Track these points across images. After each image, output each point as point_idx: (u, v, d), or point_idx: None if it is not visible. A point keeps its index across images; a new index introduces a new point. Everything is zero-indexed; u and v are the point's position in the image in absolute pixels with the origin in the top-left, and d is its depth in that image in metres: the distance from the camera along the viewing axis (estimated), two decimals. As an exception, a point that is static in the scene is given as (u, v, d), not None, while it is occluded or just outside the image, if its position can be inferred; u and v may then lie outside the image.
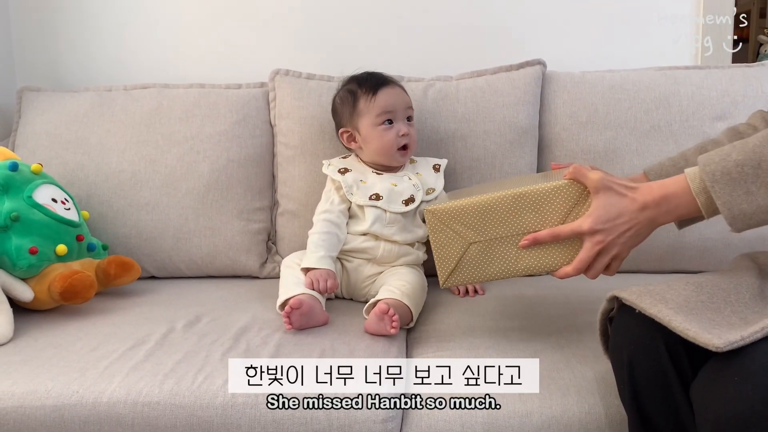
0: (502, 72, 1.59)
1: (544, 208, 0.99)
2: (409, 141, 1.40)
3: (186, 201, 1.55)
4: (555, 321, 1.22)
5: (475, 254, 1.02)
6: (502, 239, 1.01)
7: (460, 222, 1.02)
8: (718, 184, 0.85)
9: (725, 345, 0.75)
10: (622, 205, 0.93)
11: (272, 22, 1.80)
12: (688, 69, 1.60)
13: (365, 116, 1.39)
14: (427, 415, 0.99)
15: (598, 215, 0.93)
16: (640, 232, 0.93)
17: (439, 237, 1.03)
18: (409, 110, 1.42)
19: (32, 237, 1.29)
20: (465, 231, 1.02)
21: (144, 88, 1.67)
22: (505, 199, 0.99)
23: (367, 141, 1.41)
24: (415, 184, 1.41)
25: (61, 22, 1.83)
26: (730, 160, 0.84)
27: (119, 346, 1.12)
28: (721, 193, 0.85)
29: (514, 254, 1.00)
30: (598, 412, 0.96)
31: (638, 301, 0.85)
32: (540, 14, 1.77)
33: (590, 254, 0.95)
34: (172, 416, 0.97)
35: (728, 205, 0.84)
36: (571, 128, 1.55)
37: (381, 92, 1.39)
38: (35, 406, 0.98)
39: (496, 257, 1.01)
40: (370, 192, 1.38)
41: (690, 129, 1.52)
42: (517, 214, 0.99)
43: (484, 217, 1.00)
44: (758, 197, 0.83)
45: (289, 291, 1.24)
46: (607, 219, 0.93)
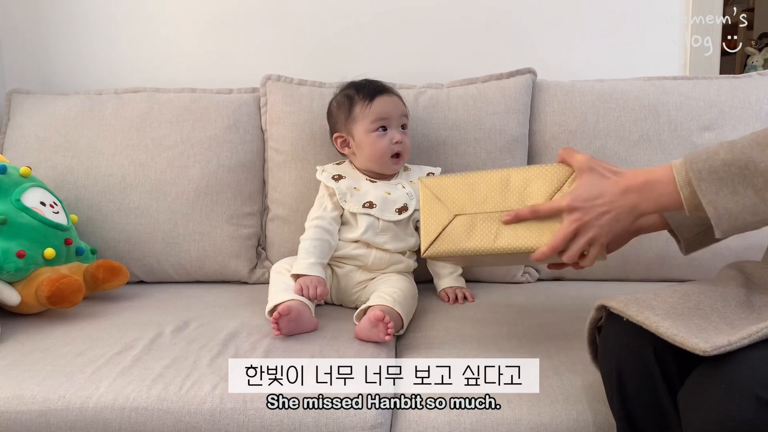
0: (493, 80, 1.60)
1: (530, 188, 1.00)
2: (402, 149, 1.40)
3: (175, 206, 1.55)
4: (544, 329, 1.22)
5: (459, 226, 1.03)
6: (486, 215, 1.02)
7: (448, 194, 1.05)
8: (705, 182, 0.84)
9: (712, 349, 0.75)
10: (604, 186, 0.91)
11: (264, 27, 1.80)
12: (677, 79, 1.62)
13: (360, 122, 1.40)
14: (417, 416, 0.98)
15: (578, 193, 0.93)
16: (620, 217, 0.91)
17: (427, 207, 1.06)
18: (404, 118, 1.43)
19: (20, 240, 1.28)
20: (451, 203, 1.04)
21: (135, 92, 1.66)
22: (493, 177, 1.02)
23: (361, 147, 1.41)
24: (409, 193, 1.41)
25: (51, 25, 1.82)
26: (718, 159, 0.83)
27: (107, 351, 1.11)
28: (707, 191, 0.83)
29: (494, 230, 1.01)
30: (586, 419, 0.96)
31: (625, 309, 0.86)
32: (531, 24, 1.79)
33: (567, 231, 0.93)
34: (160, 422, 0.97)
35: (714, 203, 0.83)
36: (560, 137, 1.56)
37: (377, 99, 1.40)
38: (21, 410, 0.97)
39: (478, 231, 1.02)
40: (364, 200, 1.38)
41: (678, 139, 1.53)
42: (504, 192, 1.01)
43: (472, 192, 1.03)
44: (744, 197, 0.82)
45: (278, 297, 1.23)
46: (587, 198, 0.91)
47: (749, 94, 1.57)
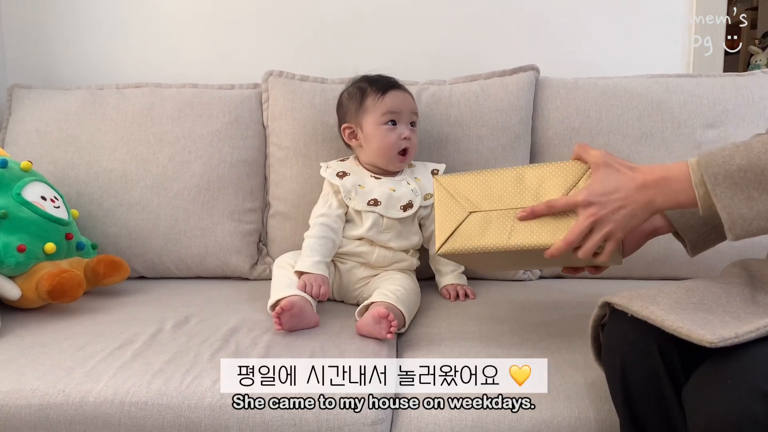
0: (496, 77, 1.60)
1: (545, 185, 0.99)
2: (409, 145, 1.40)
3: (177, 201, 1.54)
4: (545, 326, 1.22)
5: (474, 223, 1.03)
6: (501, 212, 1.01)
7: (463, 192, 1.04)
8: (720, 187, 0.83)
9: (719, 340, 0.75)
10: (620, 181, 0.91)
11: (266, 23, 1.80)
12: (680, 77, 1.61)
13: (371, 114, 1.39)
14: (417, 416, 0.98)
15: (594, 188, 0.92)
16: (635, 212, 0.90)
17: (442, 205, 1.06)
18: (414, 116, 1.43)
19: (20, 235, 1.28)
20: (466, 201, 1.04)
21: (136, 88, 1.66)
22: (507, 174, 1.02)
23: (369, 139, 1.40)
24: (414, 189, 1.40)
25: (53, 19, 1.82)
26: (733, 164, 0.83)
27: (107, 346, 1.11)
28: (721, 196, 0.83)
29: (509, 227, 1.00)
30: (588, 417, 0.96)
31: (629, 304, 0.85)
32: (534, 20, 1.78)
33: (582, 227, 0.92)
34: (160, 416, 0.96)
35: (728, 209, 0.83)
36: (563, 134, 1.56)
37: (390, 93, 1.40)
38: (20, 405, 0.97)
39: (493, 229, 1.02)
40: (369, 197, 1.37)
41: (681, 136, 1.53)
42: (518, 189, 1.01)
43: (486, 189, 1.03)
44: (759, 203, 0.82)
45: (281, 292, 1.23)
46: (602, 192, 0.91)
47: (753, 92, 1.56)
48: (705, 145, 1.52)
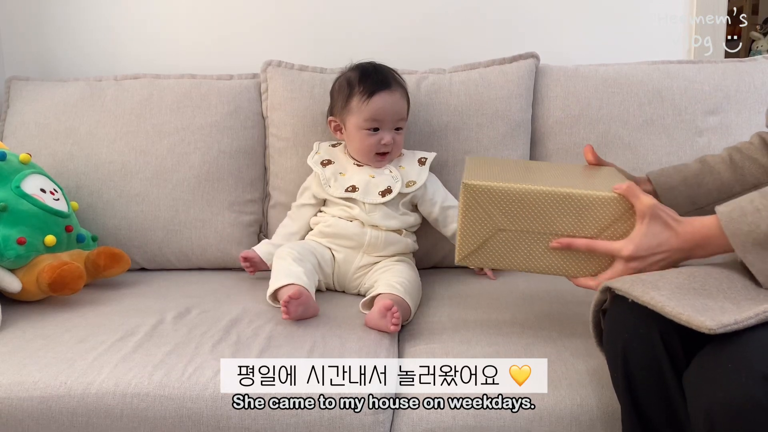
0: (496, 65, 1.59)
1: (586, 215, 0.97)
2: (390, 149, 1.40)
3: (176, 192, 1.54)
4: (547, 314, 1.22)
5: (502, 241, 1.00)
6: (533, 234, 0.99)
7: (495, 205, 0.99)
8: (750, 254, 0.86)
9: (718, 327, 0.75)
10: (664, 237, 0.93)
11: (264, 12, 1.78)
12: (681, 63, 1.60)
13: (354, 115, 1.39)
14: (417, 416, 0.98)
15: (640, 243, 0.94)
16: (671, 263, 0.95)
17: (469, 213, 1.00)
18: (401, 122, 1.41)
19: (20, 227, 1.27)
20: (498, 216, 0.99)
21: (135, 79, 1.65)
22: (548, 195, 0.97)
23: (350, 138, 1.42)
24: (395, 176, 1.40)
25: (50, 11, 1.81)
26: (760, 232, 0.85)
27: (108, 338, 1.11)
28: (754, 261, 0.86)
29: (539, 251, 0.99)
30: (590, 404, 0.96)
31: (630, 289, 0.85)
32: (534, 7, 1.76)
33: (619, 275, 0.95)
34: (161, 408, 0.97)
35: (764, 272, 0.86)
36: (563, 121, 1.55)
37: (376, 97, 1.37)
38: (22, 397, 0.97)
39: (521, 250, 0.99)
40: (347, 184, 1.39)
41: (682, 123, 1.52)
42: (557, 213, 0.98)
43: (522, 207, 0.98)
44: None
45: (281, 280, 1.23)
46: (648, 248, 0.94)
47: (754, 77, 1.55)
48: (706, 132, 1.51)
